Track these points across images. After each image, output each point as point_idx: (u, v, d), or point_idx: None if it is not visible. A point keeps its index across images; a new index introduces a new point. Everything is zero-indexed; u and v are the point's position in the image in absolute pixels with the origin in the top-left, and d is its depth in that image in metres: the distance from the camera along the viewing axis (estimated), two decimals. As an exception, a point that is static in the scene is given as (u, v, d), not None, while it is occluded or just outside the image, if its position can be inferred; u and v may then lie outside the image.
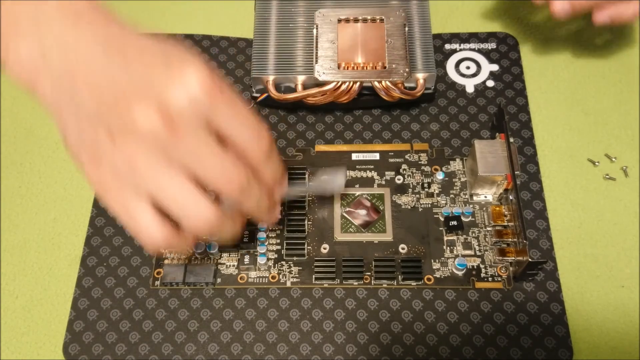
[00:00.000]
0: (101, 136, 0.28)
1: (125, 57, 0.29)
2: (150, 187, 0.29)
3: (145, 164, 0.28)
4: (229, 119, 0.28)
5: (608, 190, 0.41)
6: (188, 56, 0.29)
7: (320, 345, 0.36)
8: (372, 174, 0.41)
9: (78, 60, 0.29)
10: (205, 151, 0.28)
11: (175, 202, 0.28)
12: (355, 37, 0.42)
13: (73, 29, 0.29)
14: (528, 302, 0.37)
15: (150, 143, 0.27)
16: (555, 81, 0.46)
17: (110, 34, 0.30)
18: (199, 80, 0.27)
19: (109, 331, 0.36)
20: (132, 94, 0.28)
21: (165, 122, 0.27)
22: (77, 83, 0.29)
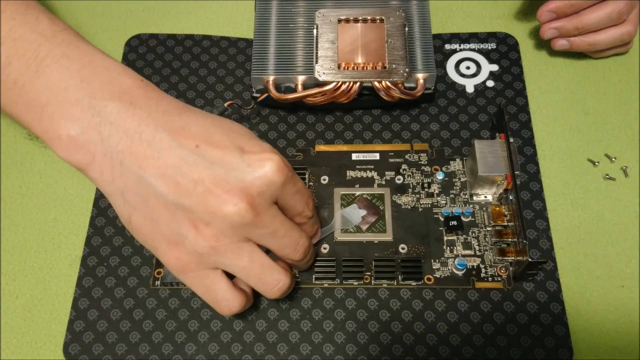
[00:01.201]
0: (181, 222, 0.30)
1: (194, 142, 0.30)
2: (230, 266, 0.31)
3: (227, 246, 0.30)
4: (293, 195, 0.32)
5: (608, 190, 0.41)
6: (255, 141, 0.31)
7: (320, 345, 0.36)
8: (372, 174, 0.41)
9: (143, 145, 0.29)
10: (280, 226, 0.31)
11: (255, 277, 0.32)
12: (356, 37, 0.42)
13: (131, 113, 0.30)
14: (528, 302, 0.37)
15: (234, 227, 0.30)
16: (555, 81, 0.46)
17: (167, 114, 0.30)
18: (275, 167, 0.30)
19: (109, 331, 0.36)
20: (214, 183, 0.29)
21: (252, 207, 0.29)
22: (146, 168, 0.29)
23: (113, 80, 0.30)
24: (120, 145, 0.29)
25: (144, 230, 0.31)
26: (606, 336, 0.36)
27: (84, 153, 0.30)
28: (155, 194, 0.29)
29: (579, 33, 0.43)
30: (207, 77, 0.46)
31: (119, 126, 0.29)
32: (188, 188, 0.29)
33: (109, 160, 0.30)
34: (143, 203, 0.30)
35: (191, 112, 0.31)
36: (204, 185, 0.29)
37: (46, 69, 0.30)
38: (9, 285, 0.38)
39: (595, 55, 0.46)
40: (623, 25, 0.43)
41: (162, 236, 0.30)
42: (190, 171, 0.29)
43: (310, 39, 0.43)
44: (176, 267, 0.31)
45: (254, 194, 0.29)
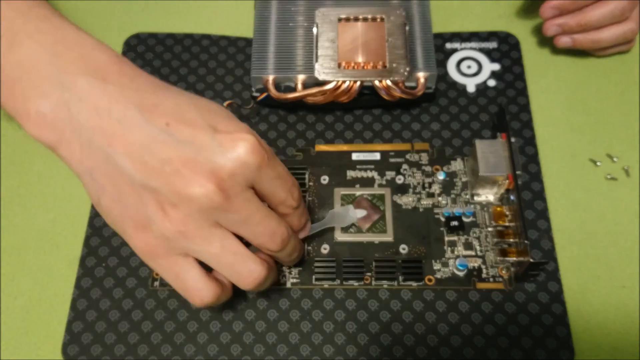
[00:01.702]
0: (148, 204, 0.28)
1: (165, 120, 0.28)
2: (200, 252, 0.30)
3: (196, 230, 0.28)
4: (271, 180, 0.30)
5: (610, 191, 0.41)
6: (231, 121, 0.29)
7: (320, 346, 0.35)
8: (372, 174, 0.41)
9: (113, 123, 0.28)
10: (254, 212, 0.29)
11: (227, 266, 0.30)
12: (356, 36, 0.42)
13: (102, 89, 0.29)
14: (529, 302, 0.37)
15: (203, 210, 0.28)
16: (556, 80, 0.46)
17: (141, 91, 0.29)
18: (249, 148, 0.28)
19: (108, 332, 0.36)
20: (182, 162, 0.28)
21: (221, 190, 0.28)
22: (115, 146, 0.28)
23: (86, 56, 0.29)
24: (89, 122, 0.28)
25: (113, 212, 0.29)
26: (608, 337, 0.36)
27: (53, 130, 0.29)
28: (123, 174, 0.28)
29: (582, 30, 0.43)
30: (206, 76, 0.46)
31: (89, 102, 0.28)
32: (156, 168, 0.27)
33: (78, 138, 0.28)
34: (111, 183, 0.29)
35: (166, 90, 0.30)
36: (172, 165, 0.27)
37: (19, 45, 0.29)
38: (8, 286, 0.38)
39: (597, 53, 0.46)
40: (626, 22, 0.43)
41: (130, 219, 0.29)
42: (159, 150, 0.28)
43: (310, 38, 0.43)
44: (144, 252, 0.30)
45: (224, 176, 0.28)
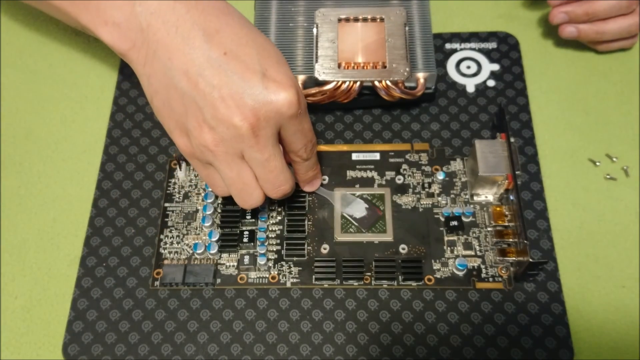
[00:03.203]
0: (191, 118, 0.32)
1: (223, 49, 0.31)
2: (219, 170, 0.34)
3: (223, 154, 0.32)
4: (295, 131, 0.34)
5: (609, 190, 0.41)
6: (282, 69, 0.32)
7: (320, 346, 0.36)
8: (372, 174, 0.41)
9: (177, 39, 0.31)
10: (272, 159, 0.33)
11: (235, 189, 0.35)
12: (356, 36, 0.42)
13: (172, 7, 0.32)
14: (529, 302, 0.37)
15: (234, 139, 0.32)
16: (556, 81, 0.46)
17: (206, 14, 0.32)
18: (289, 100, 0.31)
19: (108, 332, 0.36)
20: (229, 94, 0.31)
21: (254, 128, 0.31)
22: (174, 62, 0.31)
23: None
24: (157, 35, 0.32)
25: (162, 113, 0.34)
26: (607, 336, 0.36)
27: (126, 39, 0.33)
28: (176, 87, 0.31)
29: (588, 19, 0.43)
30: (206, 76, 0.46)
31: (158, 18, 0.32)
32: (205, 90, 0.31)
33: (145, 47, 0.32)
34: (164, 91, 0.32)
35: (229, 16, 0.33)
36: (220, 92, 0.31)
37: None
38: (8, 285, 0.38)
39: (600, 48, 0.46)
40: (631, 15, 0.43)
41: (176, 122, 0.33)
42: (211, 75, 0.31)
43: (310, 38, 0.43)
44: (184, 152, 0.34)
45: (260, 117, 0.31)
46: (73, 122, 0.44)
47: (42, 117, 0.45)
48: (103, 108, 0.45)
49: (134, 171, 0.42)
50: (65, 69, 0.47)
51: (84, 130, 0.44)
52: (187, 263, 0.38)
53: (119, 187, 0.41)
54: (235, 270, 0.38)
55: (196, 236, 0.39)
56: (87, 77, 0.47)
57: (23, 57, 0.47)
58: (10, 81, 0.46)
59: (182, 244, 0.39)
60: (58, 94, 0.46)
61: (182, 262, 0.38)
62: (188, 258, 0.38)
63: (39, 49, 0.48)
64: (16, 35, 0.49)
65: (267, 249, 0.38)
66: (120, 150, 0.43)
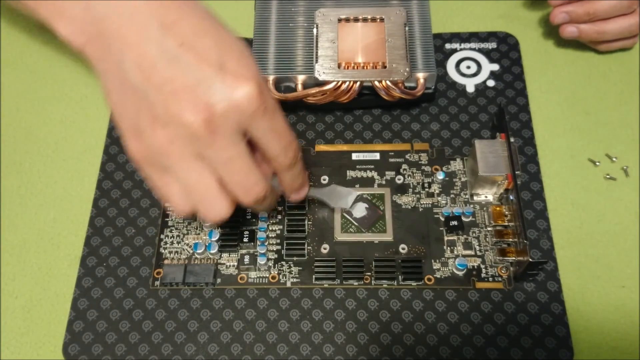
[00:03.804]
0: (143, 114, 0.29)
1: (180, 41, 0.29)
2: (178, 174, 0.30)
3: (178, 155, 0.29)
4: (265, 132, 0.30)
5: (609, 190, 0.41)
6: (243, 62, 0.29)
7: (320, 346, 0.36)
8: (372, 174, 0.41)
9: (132, 31, 0.29)
10: (235, 159, 0.30)
11: (197, 195, 0.31)
12: (356, 36, 0.42)
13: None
14: (528, 302, 0.37)
15: (188, 138, 0.29)
16: (555, 81, 0.46)
17: (166, 5, 0.29)
18: (249, 94, 0.28)
19: (108, 331, 0.36)
20: (182, 87, 0.28)
21: (208, 124, 0.28)
22: (127, 54, 0.29)
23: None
24: (112, 27, 0.29)
25: (117, 111, 0.31)
26: (607, 336, 0.36)
27: (82, 32, 0.31)
28: (129, 81, 0.29)
29: (589, 19, 0.43)
30: (206, 76, 0.46)
31: (114, 9, 0.29)
32: (157, 83, 0.28)
33: (100, 41, 0.30)
34: (119, 87, 0.30)
35: (190, 8, 0.30)
36: (172, 86, 0.28)
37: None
38: (9, 285, 0.38)
39: (600, 48, 0.46)
40: (632, 15, 0.43)
41: (129, 122, 0.30)
42: (164, 67, 0.28)
43: (310, 39, 0.43)
44: (135, 158, 0.31)
45: (216, 113, 0.28)
46: (73, 122, 0.44)
47: (42, 117, 0.45)
48: (103, 108, 0.45)
49: (135, 171, 0.42)
50: (66, 69, 0.47)
51: (84, 130, 0.44)
52: (188, 263, 0.38)
53: (119, 187, 0.41)
54: (235, 270, 0.38)
55: (196, 236, 0.39)
56: (87, 77, 0.47)
57: (23, 57, 0.48)
58: (10, 81, 0.46)
59: (182, 244, 0.39)
60: (58, 94, 0.46)
61: (183, 261, 0.38)
62: (188, 258, 0.38)
63: (39, 49, 0.48)
64: (16, 35, 0.49)
65: (267, 248, 0.38)
66: (121, 150, 0.43)
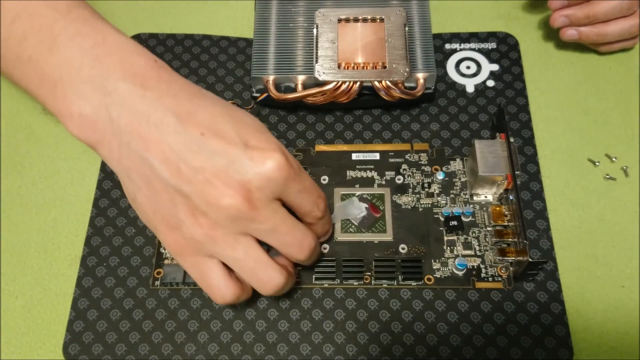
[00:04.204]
0: (180, 208, 0.30)
1: (200, 130, 0.30)
2: (224, 256, 0.31)
3: (223, 237, 0.30)
4: (297, 193, 0.32)
5: (608, 190, 0.41)
6: (263, 136, 0.31)
7: (320, 346, 0.36)
8: (372, 174, 0.41)
9: (150, 128, 0.30)
10: (280, 223, 0.31)
11: (248, 271, 0.32)
12: (356, 36, 0.42)
13: (141, 95, 0.30)
14: (528, 302, 0.37)
15: (231, 219, 0.30)
16: (555, 81, 0.46)
17: (178, 98, 0.30)
18: (278, 165, 0.30)
19: (109, 331, 0.36)
20: (214, 173, 0.29)
21: (248, 201, 0.29)
22: (151, 150, 0.30)
23: (125, 60, 0.31)
24: (128, 126, 0.30)
25: (147, 210, 0.31)
26: (607, 336, 0.36)
27: (94, 131, 0.30)
28: (158, 177, 0.30)
29: (589, 22, 0.43)
30: (206, 76, 0.46)
31: (129, 108, 0.30)
32: (189, 175, 0.29)
33: (118, 140, 0.30)
34: (146, 184, 0.30)
35: (202, 98, 0.31)
36: (204, 174, 0.29)
37: (60, 46, 0.31)
38: (9, 285, 0.38)
39: (601, 49, 0.46)
40: (632, 17, 0.43)
41: (163, 218, 0.31)
42: (192, 158, 0.29)
43: (310, 39, 0.43)
44: (175, 250, 0.32)
45: (252, 189, 0.29)
46: (73, 122, 0.44)
47: (42, 117, 0.45)
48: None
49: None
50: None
51: (84, 130, 0.44)
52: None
53: (120, 186, 0.41)
54: (235, 270, 0.38)
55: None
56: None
57: (23, 58, 0.48)
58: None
59: (182, 244, 0.39)
60: (58, 94, 0.46)
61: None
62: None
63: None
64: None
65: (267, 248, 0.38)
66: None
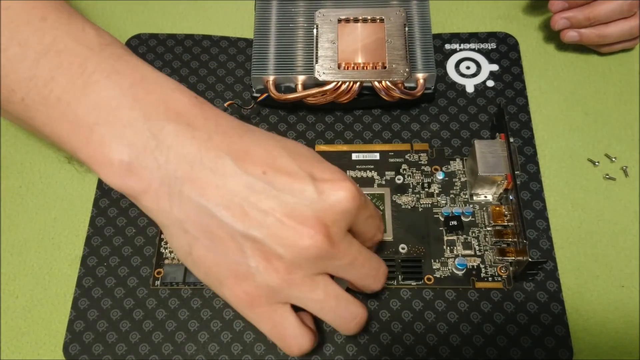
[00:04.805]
0: (251, 254, 0.27)
1: (261, 169, 0.27)
2: (303, 299, 0.29)
3: (302, 279, 0.28)
4: (366, 220, 0.31)
5: (608, 190, 0.41)
6: (324, 165, 0.30)
7: (320, 346, 0.36)
8: (372, 174, 0.41)
9: (205, 172, 0.27)
10: (357, 255, 0.29)
11: (331, 310, 0.29)
12: (356, 37, 0.42)
13: (190, 136, 0.27)
14: (528, 302, 0.37)
15: (311, 260, 0.28)
16: (555, 81, 0.46)
17: (228, 136, 0.28)
18: (350, 195, 0.28)
19: (109, 331, 0.36)
20: (286, 213, 0.27)
21: (328, 239, 0.27)
22: (209, 197, 0.27)
23: (168, 99, 0.28)
24: (179, 171, 0.27)
25: (208, 263, 0.28)
26: (606, 336, 0.36)
27: (138, 180, 0.27)
28: (221, 225, 0.27)
29: (590, 24, 0.43)
30: (207, 77, 0.46)
31: (178, 151, 0.27)
32: (258, 219, 0.27)
33: (167, 188, 0.27)
34: (206, 234, 0.28)
35: (252, 133, 0.29)
36: (275, 215, 0.27)
37: (95, 85, 0.28)
38: (9, 285, 0.38)
39: (602, 50, 0.46)
40: (633, 18, 0.43)
41: (228, 269, 0.28)
42: (258, 200, 0.27)
43: (310, 39, 0.43)
44: (244, 303, 0.29)
45: (329, 224, 0.27)
46: (74, 122, 0.45)
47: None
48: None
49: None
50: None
51: (84, 130, 0.44)
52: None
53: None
54: (235, 269, 0.38)
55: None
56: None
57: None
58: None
59: (182, 244, 0.39)
60: (59, 94, 0.46)
61: (183, 261, 0.38)
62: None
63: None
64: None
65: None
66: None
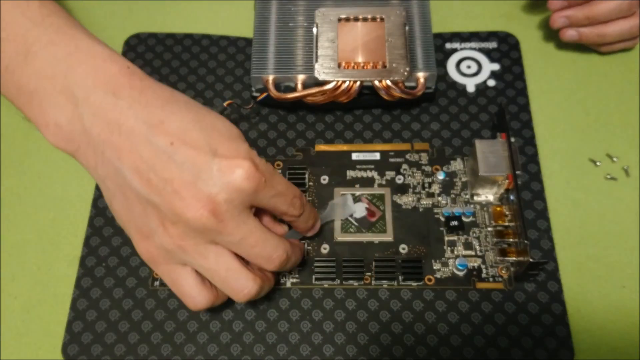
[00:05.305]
0: (151, 217, 0.30)
1: (169, 139, 0.29)
2: (196, 265, 0.32)
3: (193, 246, 0.30)
4: (270, 198, 0.31)
5: (609, 190, 0.41)
6: (232, 143, 0.30)
7: (320, 346, 0.35)
8: (372, 174, 0.41)
9: (122, 138, 0.29)
10: (247, 235, 0.31)
11: (220, 280, 0.32)
12: (356, 36, 0.42)
13: (113, 104, 0.30)
14: (529, 302, 0.37)
15: (199, 231, 0.30)
16: (556, 80, 0.46)
17: (149, 106, 0.30)
18: (246, 174, 0.29)
19: (108, 332, 0.36)
20: (182, 185, 0.29)
21: (215, 215, 0.29)
22: (123, 160, 0.30)
23: (98, 68, 0.31)
24: (102, 135, 0.30)
25: (122, 217, 0.32)
26: (607, 337, 0.36)
27: (70, 141, 0.31)
28: (130, 187, 0.30)
29: (589, 23, 0.43)
30: (206, 76, 0.46)
31: (101, 117, 0.30)
32: (158, 186, 0.29)
33: (92, 149, 0.30)
34: (121, 192, 0.31)
35: (174, 104, 0.31)
36: (173, 185, 0.29)
37: (34, 56, 0.31)
38: (8, 285, 0.38)
39: (602, 49, 0.46)
40: (632, 17, 0.43)
41: (136, 226, 0.31)
42: (162, 169, 0.29)
43: (310, 38, 0.43)
44: (148, 258, 0.32)
45: (220, 201, 0.29)
46: (73, 121, 0.44)
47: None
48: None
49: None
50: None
51: (83, 130, 0.44)
52: (187, 263, 0.38)
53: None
54: (235, 270, 0.38)
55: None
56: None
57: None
58: None
59: (181, 244, 0.39)
60: (58, 94, 0.46)
61: (182, 262, 0.38)
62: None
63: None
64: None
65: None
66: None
